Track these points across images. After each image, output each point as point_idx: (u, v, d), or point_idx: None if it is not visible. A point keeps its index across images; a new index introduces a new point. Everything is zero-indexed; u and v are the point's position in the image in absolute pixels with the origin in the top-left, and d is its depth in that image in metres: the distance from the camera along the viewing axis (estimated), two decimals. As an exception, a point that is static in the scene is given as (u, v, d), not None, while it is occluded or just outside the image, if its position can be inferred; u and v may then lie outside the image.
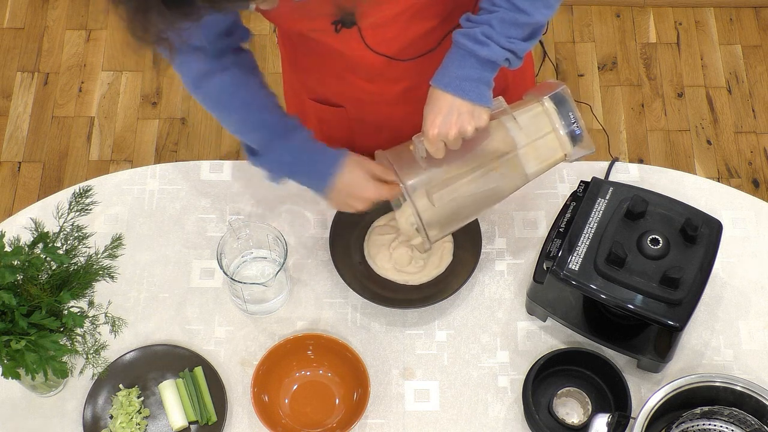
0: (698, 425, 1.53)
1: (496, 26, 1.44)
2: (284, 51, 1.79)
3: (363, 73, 1.62)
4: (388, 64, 1.58)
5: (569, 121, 1.53)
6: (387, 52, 1.56)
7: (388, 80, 1.64)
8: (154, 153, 2.92)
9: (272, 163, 1.62)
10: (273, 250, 1.69)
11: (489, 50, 1.45)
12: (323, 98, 1.77)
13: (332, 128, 1.83)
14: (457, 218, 1.57)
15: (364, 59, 1.57)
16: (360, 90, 1.67)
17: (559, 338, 1.69)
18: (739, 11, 3.20)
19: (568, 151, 1.55)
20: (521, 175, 1.56)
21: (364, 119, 1.78)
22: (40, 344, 1.41)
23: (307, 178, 1.63)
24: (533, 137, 1.54)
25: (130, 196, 1.81)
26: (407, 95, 1.67)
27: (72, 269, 1.49)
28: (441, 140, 1.47)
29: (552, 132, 1.54)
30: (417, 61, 1.59)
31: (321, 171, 1.61)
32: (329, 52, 1.59)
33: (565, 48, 3.13)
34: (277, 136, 1.60)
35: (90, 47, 3.11)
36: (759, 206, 1.80)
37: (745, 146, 2.95)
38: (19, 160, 2.91)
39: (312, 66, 1.70)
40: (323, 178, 1.61)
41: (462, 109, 1.46)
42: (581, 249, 1.54)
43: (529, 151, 1.54)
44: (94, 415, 1.60)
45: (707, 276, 1.52)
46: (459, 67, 1.46)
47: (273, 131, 1.60)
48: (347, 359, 1.62)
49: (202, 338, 1.68)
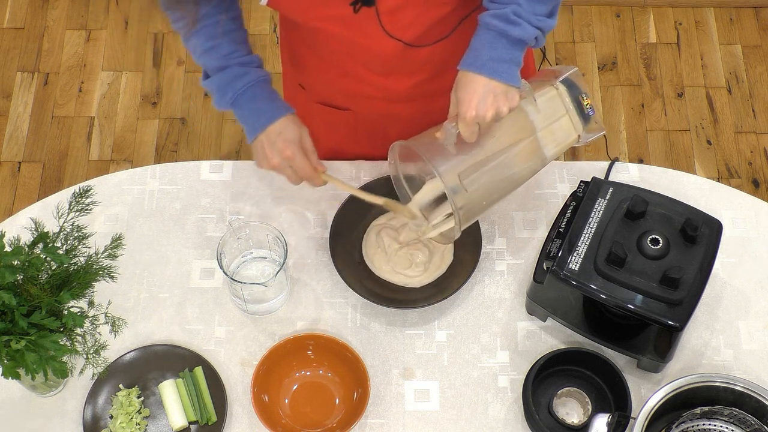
0: (698, 425, 1.53)
1: (524, 4, 1.46)
2: (287, 54, 1.79)
3: (376, 65, 1.63)
4: (403, 53, 1.58)
5: (582, 103, 1.56)
6: (403, 38, 1.56)
7: (401, 72, 1.64)
8: (154, 153, 2.92)
9: (223, 87, 1.62)
10: (273, 250, 1.69)
11: (521, 29, 1.46)
12: (329, 101, 1.77)
13: (339, 133, 1.83)
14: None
15: (380, 47, 1.57)
16: (370, 86, 1.67)
17: (559, 338, 1.69)
18: (739, 11, 3.20)
19: (581, 132, 1.58)
20: (541, 157, 1.58)
21: (371, 121, 1.78)
22: (40, 344, 1.41)
23: (248, 115, 1.63)
24: (550, 120, 1.56)
25: (130, 196, 1.81)
26: (417, 90, 1.67)
27: (72, 269, 1.49)
28: (477, 123, 1.47)
29: (566, 114, 1.57)
30: (431, 48, 1.60)
31: (263, 111, 1.61)
32: (341, 46, 1.60)
33: (565, 48, 3.13)
34: (236, 63, 1.61)
35: (90, 47, 3.11)
36: (759, 206, 1.80)
37: (745, 146, 2.95)
38: (19, 160, 2.91)
39: (319, 65, 1.70)
40: (261, 119, 1.61)
41: (497, 91, 1.47)
42: (581, 249, 1.54)
43: (546, 134, 1.56)
44: (94, 415, 1.60)
45: (707, 276, 1.52)
46: (491, 48, 1.47)
47: (234, 60, 1.61)
48: (347, 359, 1.62)
49: (202, 338, 1.68)
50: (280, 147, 1.60)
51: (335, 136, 1.84)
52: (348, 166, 1.84)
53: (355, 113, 1.78)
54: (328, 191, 1.81)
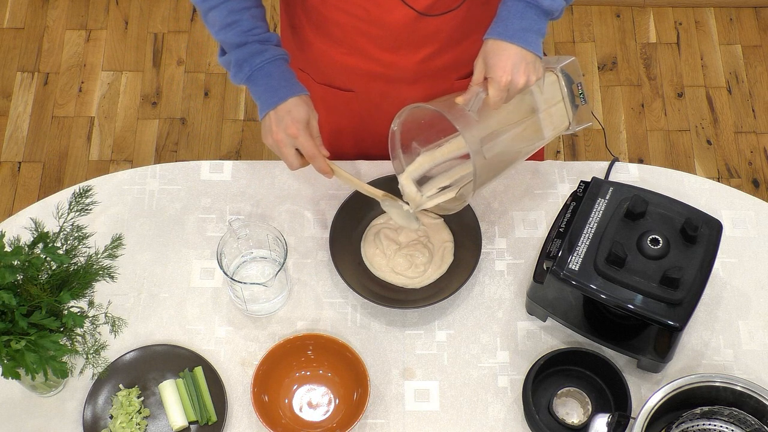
0: (698, 425, 1.53)
1: None
2: (289, 37, 1.80)
3: (386, 39, 1.64)
4: (413, 23, 1.61)
5: (577, 92, 1.60)
6: (416, 5, 1.58)
7: (409, 47, 1.66)
8: (154, 153, 2.92)
9: (241, 62, 1.62)
10: (273, 250, 1.69)
11: (551, 0, 1.50)
12: (331, 82, 1.78)
13: (340, 115, 1.83)
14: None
15: (392, 16, 1.60)
16: (376, 64, 1.69)
17: (559, 338, 1.69)
18: (739, 11, 3.20)
19: (572, 121, 1.62)
20: (541, 138, 1.60)
21: (372, 103, 1.78)
22: (40, 344, 1.41)
23: (263, 91, 1.63)
24: (550, 103, 1.59)
25: (130, 196, 1.81)
26: (422, 67, 1.69)
27: (72, 269, 1.49)
28: (506, 91, 1.49)
29: (562, 101, 1.60)
30: (440, 20, 1.62)
31: (277, 89, 1.61)
32: (352, 20, 1.62)
33: (565, 48, 3.13)
34: (255, 40, 1.62)
35: (90, 47, 3.11)
36: (759, 206, 1.80)
37: (745, 146, 2.95)
38: (19, 160, 2.91)
39: (324, 45, 1.71)
40: (275, 97, 1.61)
41: (528, 59, 1.49)
42: (581, 249, 1.54)
43: (545, 116, 1.59)
44: (94, 415, 1.60)
45: (707, 276, 1.52)
46: (521, 18, 1.50)
47: (254, 36, 1.62)
48: (347, 359, 1.62)
49: (202, 338, 1.68)
50: (286, 123, 1.60)
51: (336, 117, 1.85)
52: (348, 166, 1.84)
53: (357, 94, 1.78)
54: (328, 191, 1.81)
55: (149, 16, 3.17)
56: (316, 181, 1.82)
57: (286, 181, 1.82)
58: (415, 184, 1.62)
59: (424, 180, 1.63)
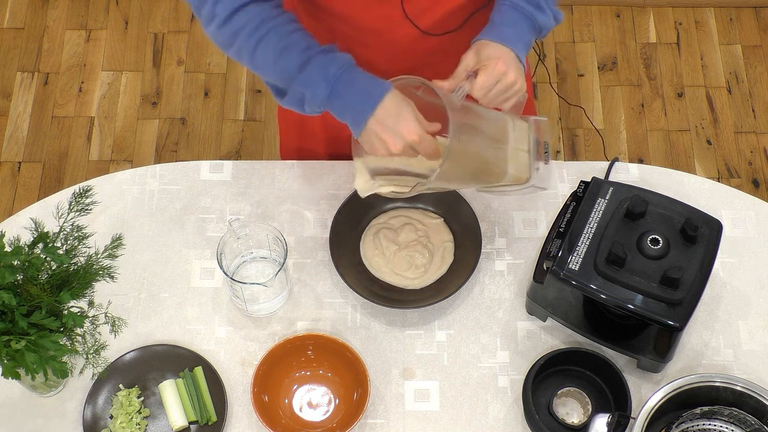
0: (698, 425, 1.53)
1: None
2: None
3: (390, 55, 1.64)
4: (415, 42, 1.61)
5: (542, 151, 1.58)
6: (420, 24, 1.58)
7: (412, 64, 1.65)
8: (154, 153, 2.92)
9: (314, 80, 1.47)
10: (273, 250, 1.69)
11: (545, 17, 1.51)
12: None
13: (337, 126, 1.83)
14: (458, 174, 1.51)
15: (395, 34, 1.60)
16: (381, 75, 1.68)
17: (559, 338, 1.69)
18: (739, 11, 3.20)
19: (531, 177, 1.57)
20: (504, 170, 1.55)
21: None
22: (40, 344, 1.41)
23: (351, 101, 1.48)
24: (518, 144, 1.56)
25: (130, 196, 1.81)
26: None
27: (72, 269, 1.49)
28: (497, 80, 1.48)
29: (527, 152, 1.57)
30: (440, 39, 1.62)
31: (368, 92, 1.47)
32: (355, 34, 1.61)
33: (565, 48, 3.13)
34: (318, 53, 1.48)
35: (90, 47, 3.11)
36: (759, 206, 1.80)
37: (745, 146, 2.95)
38: (19, 160, 2.91)
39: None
40: (369, 101, 1.46)
41: (517, 64, 1.50)
42: (581, 249, 1.54)
43: (512, 153, 1.56)
44: (94, 415, 1.60)
45: (707, 276, 1.52)
46: (513, 27, 1.51)
47: (315, 50, 1.49)
48: (347, 359, 1.62)
49: (202, 338, 1.68)
50: (401, 131, 1.45)
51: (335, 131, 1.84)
52: (348, 166, 1.84)
53: None
54: (328, 191, 1.81)
55: (149, 16, 3.17)
56: (317, 181, 1.82)
57: (286, 181, 1.82)
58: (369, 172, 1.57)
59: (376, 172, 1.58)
